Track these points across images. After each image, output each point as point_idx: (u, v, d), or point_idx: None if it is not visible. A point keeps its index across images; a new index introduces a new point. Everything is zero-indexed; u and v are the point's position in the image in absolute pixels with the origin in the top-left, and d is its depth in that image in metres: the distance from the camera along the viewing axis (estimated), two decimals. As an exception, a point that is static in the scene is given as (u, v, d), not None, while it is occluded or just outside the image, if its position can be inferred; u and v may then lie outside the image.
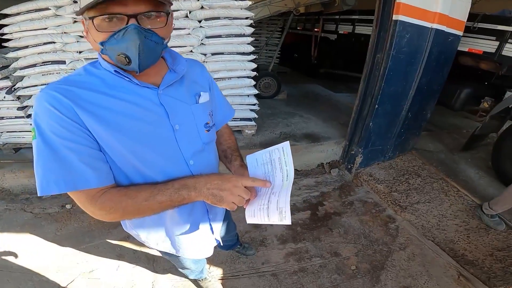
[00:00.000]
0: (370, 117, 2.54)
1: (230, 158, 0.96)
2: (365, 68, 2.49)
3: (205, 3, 2.33)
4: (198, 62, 0.90)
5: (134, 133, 0.66)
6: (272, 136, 3.13)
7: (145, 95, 0.69)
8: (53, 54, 2.27)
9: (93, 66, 0.69)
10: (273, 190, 0.73)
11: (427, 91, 2.65)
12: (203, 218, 0.92)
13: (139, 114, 0.67)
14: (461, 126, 4.04)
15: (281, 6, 3.81)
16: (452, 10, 2.29)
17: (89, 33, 0.61)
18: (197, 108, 0.80)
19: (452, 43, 2.54)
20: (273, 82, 4.42)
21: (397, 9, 2.09)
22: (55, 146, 0.59)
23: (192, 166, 0.78)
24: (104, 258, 1.82)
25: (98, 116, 0.62)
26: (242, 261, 1.84)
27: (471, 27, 2.96)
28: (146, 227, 0.89)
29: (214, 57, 2.52)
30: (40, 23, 2.18)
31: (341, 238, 2.07)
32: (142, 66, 0.62)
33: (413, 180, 2.71)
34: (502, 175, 2.66)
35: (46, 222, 2.10)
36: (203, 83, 0.87)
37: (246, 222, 0.72)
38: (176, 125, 0.73)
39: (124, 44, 0.58)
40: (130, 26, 0.57)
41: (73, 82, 0.64)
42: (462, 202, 2.41)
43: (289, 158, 0.71)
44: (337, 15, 5.25)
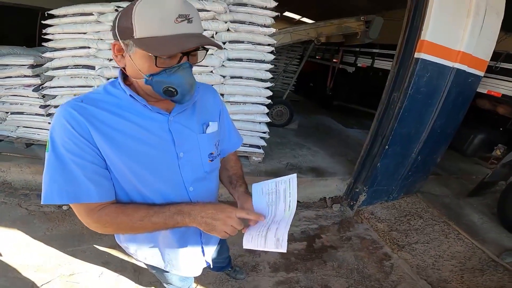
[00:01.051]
0: (379, 157, 2.42)
1: (234, 184, 0.95)
2: (379, 106, 2.39)
3: (232, 26, 2.35)
4: (210, 88, 0.90)
5: (139, 156, 0.68)
6: (279, 166, 3.05)
7: (155, 120, 0.70)
8: (85, 59, 2.33)
9: (113, 85, 0.70)
10: (274, 219, 0.75)
11: (441, 135, 2.50)
12: (195, 240, 0.91)
13: (147, 139, 0.69)
14: (470, 172, 3.83)
15: (303, 35, 3.81)
16: (476, 49, 2.13)
17: (133, 61, 0.61)
18: (203, 138, 0.80)
19: (472, 84, 2.37)
20: (286, 111, 4.28)
21: (420, 46, 1.99)
22: (65, 160, 0.61)
23: (191, 192, 0.78)
24: (89, 264, 1.76)
25: (109, 137, 0.64)
26: (230, 284, 1.76)
27: (493, 67, 2.75)
28: (138, 242, 0.89)
29: (233, 80, 2.51)
30: (81, 27, 2.26)
31: (333, 272, 1.98)
32: (186, 99, 0.67)
33: (414, 221, 2.59)
34: (506, 221, 2.51)
35: (39, 220, 2.07)
36: (213, 111, 0.87)
37: (243, 246, 0.73)
38: (181, 153, 0.74)
39: (177, 79, 0.62)
40: (185, 64, 0.62)
41: (91, 100, 0.66)
42: (461, 244, 2.30)
43: (294, 190, 0.74)
44: (357, 47, 5.13)
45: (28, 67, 2.38)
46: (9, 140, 2.66)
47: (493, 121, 3.30)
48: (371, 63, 4.88)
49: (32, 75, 2.38)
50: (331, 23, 3.84)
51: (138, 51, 0.58)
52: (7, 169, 2.41)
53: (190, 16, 0.58)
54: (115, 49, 0.64)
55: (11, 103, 2.55)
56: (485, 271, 1.98)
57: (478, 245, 2.25)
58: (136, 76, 0.64)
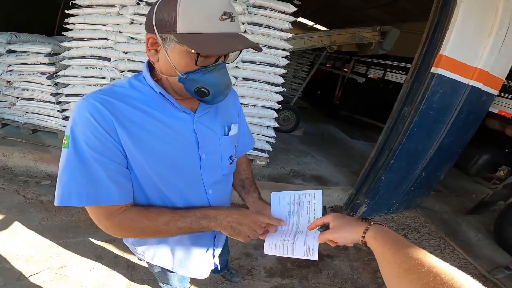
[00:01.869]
0: (383, 171, 2.33)
1: (248, 189, 0.93)
2: (389, 119, 2.29)
3: (249, 27, 2.30)
4: (232, 90, 0.84)
5: (164, 156, 0.64)
6: (282, 171, 2.99)
7: (181, 120, 0.66)
8: (102, 50, 2.30)
9: (137, 79, 0.65)
10: (299, 229, 0.75)
11: (447, 152, 2.41)
12: (209, 243, 0.89)
13: (172, 139, 0.65)
14: (471, 191, 3.73)
15: (316, 42, 3.71)
16: (493, 67, 2.03)
17: (169, 56, 0.56)
18: (225, 141, 0.77)
19: (485, 103, 2.27)
20: (293, 117, 4.17)
21: (438, 61, 1.89)
22: (86, 158, 0.56)
23: (210, 195, 0.76)
24: (81, 257, 1.70)
25: (134, 134, 0.60)
26: (225, 286, 1.71)
27: (507, 86, 2.62)
28: (149, 243, 0.84)
29: (244, 82, 2.46)
30: (103, 19, 2.22)
31: (328, 280, 1.93)
32: (218, 101, 0.63)
33: (411, 235, 2.56)
34: (501, 239, 2.50)
35: (35, 209, 2.01)
36: (233, 113, 0.84)
37: (265, 252, 0.74)
38: (203, 155, 0.71)
39: (212, 80, 0.58)
40: (221, 64, 0.59)
41: (116, 94, 0.61)
42: (455, 259, 2.28)
43: (320, 204, 0.73)
44: (370, 57, 4.98)
45: (45, 55, 2.35)
46: (15, 125, 2.61)
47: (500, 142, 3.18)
48: (383, 74, 4.70)
49: (48, 63, 2.36)
50: (346, 32, 3.74)
51: (178, 47, 0.53)
52: (9, 154, 2.34)
53: (233, 14, 0.54)
54: (149, 42, 0.58)
55: (22, 88, 2.51)
56: None
57: (471, 261, 2.24)
58: (169, 73, 0.59)
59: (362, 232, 0.56)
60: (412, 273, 0.39)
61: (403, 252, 0.44)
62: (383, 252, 0.49)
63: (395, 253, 0.45)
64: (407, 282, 0.39)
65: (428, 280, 0.36)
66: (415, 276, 0.38)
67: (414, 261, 0.40)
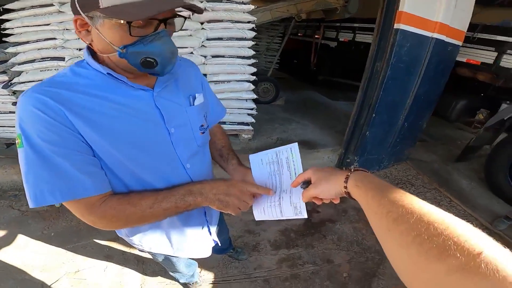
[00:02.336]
0: (367, 126, 2.52)
1: (226, 157, 0.95)
2: (364, 76, 2.46)
3: (208, 5, 2.31)
4: (190, 62, 0.87)
5: (129, 137, 0.64)
6: (269, 141, 3.11)
7: (139, 98, 0.66)
8: (53, 51, 2.24)
9: (80, 66, 0.64)
10: (283, 188, 0.76)
11: (424, 101, 2.64)
12: (201, 220, 0.91)
13: (134, 118, 0.64)
14: (455, 137, 4.04)
15: (283, 12, 3.79)
16: (453, 20, 2.26)
17: (101, 33, 0.55)
18: (193, 111, 0.77)
19: (451, 53, 2.52)
20: (272, 87, 4.40)
21: (399, 18, 2.07)
22: (45, 153, 0.54)
23: (189, 170, 0.77)
24: (92, 259, 1.78)
25: (91, 120, 0.58)
26: (234, 265, 1.80)
27: (471, 37, 2.93)
28: (142, 231, 0.86)
29: (214, 59, 2.50)
30: (43, 19, 2.16)
31: (334, 245, 2.05)
32: (167, 70, 0.62)
33: (406, 189, 2.67)
34: (493, 186, 2.68)
35: (34, 220, 2.05)
36: (196, 83, 0.84)
37: (256, 219, 0.75)
38: (172, 129, 0.71)
39: (156, 48, 0.57)
40: (162, 32, 0.57)
41: (60, 83, 0.59)
42: (454, 211, 2.42)
43: (298, 157, 0.74)
44: (338, 22, 5.24)
45: (-8, 64, 2.25)
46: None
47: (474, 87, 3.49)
48: (353, 37, 5.02)
49: (-2, 72, 2.27)
50: (310, -1, 3.85)
51: (107, 21, 0.53)
52: (-8, 172, 2.33)
53: None
54: (77, 24, 0.57)
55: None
56: None
57: (471, 212, 2.36)
58: (107, 50, 0.58)
59: (343, 182, 0.54)
60: (401, 223, 0.36)
61: (388, 199, 0.41)
62: (367, 202, 0.46)
63: (379, 200, 0.43)
64: (397, 234, 0.36)
65: (420, 231, 0.33)
66: (405, 227, 0.35)
67: (402, 208, 0.38)
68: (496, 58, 2.87)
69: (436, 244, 0.30)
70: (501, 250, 0.28)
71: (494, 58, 2.88)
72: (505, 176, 2.55)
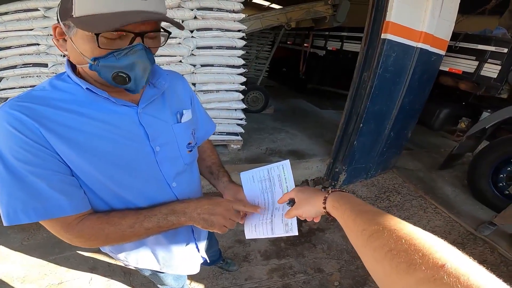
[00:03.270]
0: (355, 135, 2.57)
1: (216, 174, 0.94)
2: (352, 86, 2.53)
3: (198, 13, 2.33)
4: (178, 75, 0.85)
5: (110, 156, 0.61)
6: (258, 151, 3.13)
7: (122, 114, 0.63)
8: (35, 56, 2.20)
9: (60, 79, 0.61)
10: (275, 205, 0.76)
11: (410, 111, 2.74)
12: (188, 237, 0.89)
13: (115, 136, 0.62)
14: (439, 145, 4.21)
15: (273, 21, 3.89)
16: (437, 30, 2.36)
17: (74, 44, 0.54)
18: (179, 128, 0.75)
19: (435, 63, 2.63)
20: (261, 96, 4.44)
21: (386, 27, 2.14)
22: (20, 173, 0.53)
23: (175, 188, 0.75)
24: (75, 270, 1.73)
25: (68, 139, 0.56)
26: (224, 277, 1.79)
27: (453, 46, 3.02)
28: (126, 248, 0.83)
29: (204, 68, 2.51)
30: (27, 24, 2.13)
31: (324, 254, 2.07)
32: (140, 87, 0.59)
33: (393, 197, 2.79)
34: (477, 192, 2.78)
35: (13, 231, 1.98)
36: (185, 98, 0.82)
37: (246, 237, 0.75)
38: (157, 147, 0.68)
39: (128, 63, 0.54)
40: (138, 45, 0.54)
41: (37, 98, 0.56)
42: (440, 218, 2.49)
43: (290, 175, 0.74)
44: (326, 31, 5.38)
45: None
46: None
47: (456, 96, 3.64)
48: (341, 45, 5.17)
49: (-23, 79, 2.20)
50: (300, 8, 3.98)
51: (79, 31, 0.52)
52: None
53: None
54: (56, 32, 0.56)
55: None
56: (466, 245, 2.18)
57: (456, 219, 2.44)
58: (79, 61, 0.57)
59: (322, 203, 0.57)
60: (374, 240, 0.39)
61: (362, 218, 0.45)
62: (344, 221, 0.49)
63: (354, 219, 0.46)
64: (371, 250, 0.39)
65: (390, 247, 0.36)
66: (378, 243, 0.38)
67: (375, 226, 0.41)
68: (477, 67, 2.96)
69: (405, 258, 0.33)
70: (463, 261, 0.30)
71: (475, 67, 2.97)
72: (488, 183, 2.65)
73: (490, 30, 3.16)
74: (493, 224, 2.24)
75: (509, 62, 2.75)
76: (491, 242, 2.19)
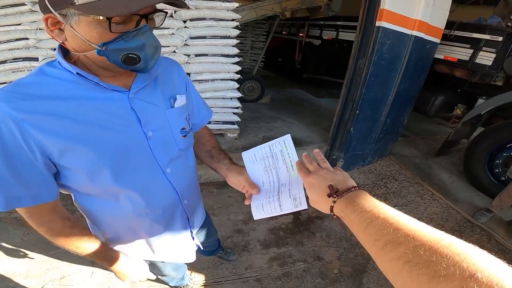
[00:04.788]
0: (351, 123, 2.58)
1: (217, 157, 0.92)
2: (347, 73, 2.52)
3: (191, 3, 2.29)
4: (173, 61, 0.84)
5: (102, 143, 0.61)
6: (255, 140, 3.13)
7: (113, 100, 0.63)
8: (25, 51, 2.16)
9: (51, 66, 0.61)
10: (281, 181, 0.74)
11: (405, 97, 2.73)
12: (184, 225, 0.89)
13: (107, 122, 0.61)
14: (434, 132, 4.23)
15: (267, 10, 3.83)
16: (431, 18, 2.35)
17: (76, 31, 0.52)
18: (173, 113, 0.74)
19: (430, 50, 2.62)
20: (257, 86, 4.44)
21: (380, 15, 2.12)
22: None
23: (169, 174, 0.74)
24: (77, 265, 1.73)
25: (56, 129, 0.56)
26: (224, 266, 1.80)
27: (448, 35, 3.04)
28: (122, 241, 0.84)
29: (198, 58, 2.48)
30: (14, 19, 2.08)
31: (323, 242, 2.09)
32: (150, 66, 0.61)
33: (390, 184, 2.81)
34: (473, 179, 2.80)
35: (12, 227, 1.97)
36: (179, 84, 0.81)
37: (254, 218, 0.74)
38: (150, 132, 0.68)
39: (137, 44, 0.55)
40: (144, 27, 0.55)
41: (26, 85, 0.56)
42: (437, 205, 2.51)
43: (292, 149, 0.72)
44: (322, 20, 5.33)
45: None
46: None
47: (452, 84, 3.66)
48: (336, 35, 5.14)
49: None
50: (295, -3, 3.90)
51: (84, 18, 0.51)
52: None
53: None
54: (48, 23, 0.54)
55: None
56: (463, 232, 2.19)
57: (452, 206, 2.45)
58: (84, 48, 0.55)
59: (330, 211, 0.55)
60: (389, 251, 0.36)
61: (373, 227, 0.42)
62: (354, 231, 0.47)
63: (365, 229, 0.43)
64: (387, 261, 0.36)
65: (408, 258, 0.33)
66: (393, 255, 0.35)
67: (387, 236, 0.38)
68: (472, 55, 2.98)
69: (425, 270, 0.30)
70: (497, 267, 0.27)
71: (470, 55, 2.99)
72: (484, 169, 2.67)
73: (485, 19, 3.16)
74: (490, 211, 2.26)
75: (503, 50, 2.76)
76: (488, 230, 2.20)
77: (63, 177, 0.64)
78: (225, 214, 2.25)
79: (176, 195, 0.79)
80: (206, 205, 1.10)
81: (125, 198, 0.70)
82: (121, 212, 0.74)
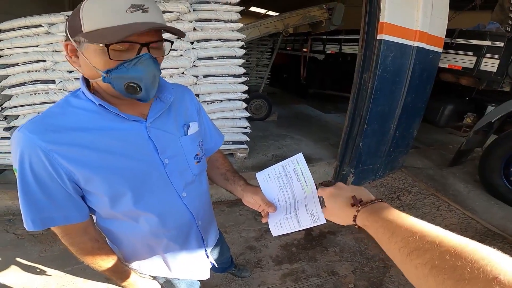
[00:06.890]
0: (360, 137, 2.61)
1: (232, 179, 0.96)
2: (353, 88, 2.59)
3: (197, 25, 2.43)
4: (184, 88, 0.90)
5: (123, 171, 0.66)
6: (265, 159, 3.19)
7: (132, 129, 0.68)
8: (42, 73, 2.28)
9: (76, 97, 0.66)
10: (296, 198, 0.77)
11: (413, 109, 2.78)
12: (199, 243, 0.94)
13: (127, 151, 0.67)
14: (446, 142, 4.22)
15: (270, 28, 4.01)
16: (431, 28, 2.43)
17: (86, 58, 0.58)
18: (186, 140, 0.80)
19: (433, 60, 2.69)
20: (264, 104, 4.55)
21: (381, 28, 2.21)
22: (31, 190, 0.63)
23: (185, 198, 0.80)
24: (92, 281, 1.78)
25: (81, 158, 0.62)
26: (237, 283, 1.81)
27: (449, 43, 3.09)
28: (139, 257, 0.89)
29: (206, 79, 2.59)
30: (32, 40, 2.21)
31: (337, 257, 2.08)
32: (151, 96, 0.64)
33: (404, 197, 2.79)
34: (489, 187, 2.78)
35: (30, 244, 2.07)
36: (191, 110, 0.86)
37: (273, 235, 0.78)
38: (166, 159, 0.73)
39: (138, 73, 0.59)
40: (145, 55, 0.58)
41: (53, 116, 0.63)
42: (454, 216, 2.49)
43: (305, 166, 0.75)
44: (324, 35, 5.51)
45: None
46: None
47: (459, 92, 3.68)
48: (339, 48, 5.30)
49: (-12, 96, 2.29)
50: (297, 13, 4.11)
51: (90, 45, 0.56)
52: (-15, 198, 2.33)
53: (145, 6, 0.56)
54: (68, 49, 0.61)
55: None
56: (484, 241, 2.08)
57: (471, 215, 2.43)
58: (93, 75, 0.61)
59: (352, 221, 0.56)
60: (415, 258, 0.38)
61: (398, 235, 0.43)
62: (378, 240, 0.48)
63: (390, 238, 0.45)
64: (413, 268, 0.38)
65: (434, 264, 0.34)
66: (419, 261, 0.37)
67: (413, 244, 0.39)
68: (476, 62, 3.02)
69: (451, 274, 0.31)
70: None
71: (474, 62, 3.03)
72: (500, 177, 2.66)
73: (483, 25, 3.23)
74: None
75: (507, 56, 2.81)
76: (511, 238, 2.16)
77: (87, 201, 0.70)
78: (236, 232, 2.28)
79: (191, 216, 0.84)
80: (218, 223, 1.15)
81: (143, 220, 0.75)
82: (140, 233, 0.79)
